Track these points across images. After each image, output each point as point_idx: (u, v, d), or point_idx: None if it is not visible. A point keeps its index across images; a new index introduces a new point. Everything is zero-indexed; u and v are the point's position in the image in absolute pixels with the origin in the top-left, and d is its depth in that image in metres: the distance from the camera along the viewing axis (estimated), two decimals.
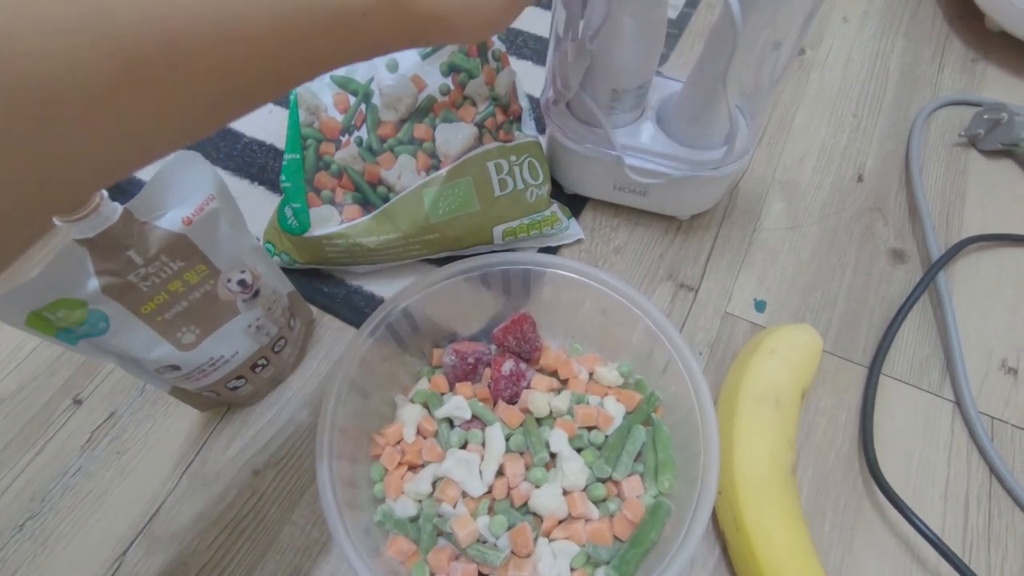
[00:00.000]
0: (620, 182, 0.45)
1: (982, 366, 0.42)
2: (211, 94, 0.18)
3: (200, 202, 0.29)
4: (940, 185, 0.51)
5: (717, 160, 0.42)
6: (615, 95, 0.41)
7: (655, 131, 0.44)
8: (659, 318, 0.36)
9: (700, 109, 0.41)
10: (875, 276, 0.46)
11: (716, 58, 0.37)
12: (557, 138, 0.44)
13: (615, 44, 0.38)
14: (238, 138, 0.54)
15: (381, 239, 0.41)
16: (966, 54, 0.60)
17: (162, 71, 0.16)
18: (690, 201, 0.47)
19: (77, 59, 0.14)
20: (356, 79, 0.40)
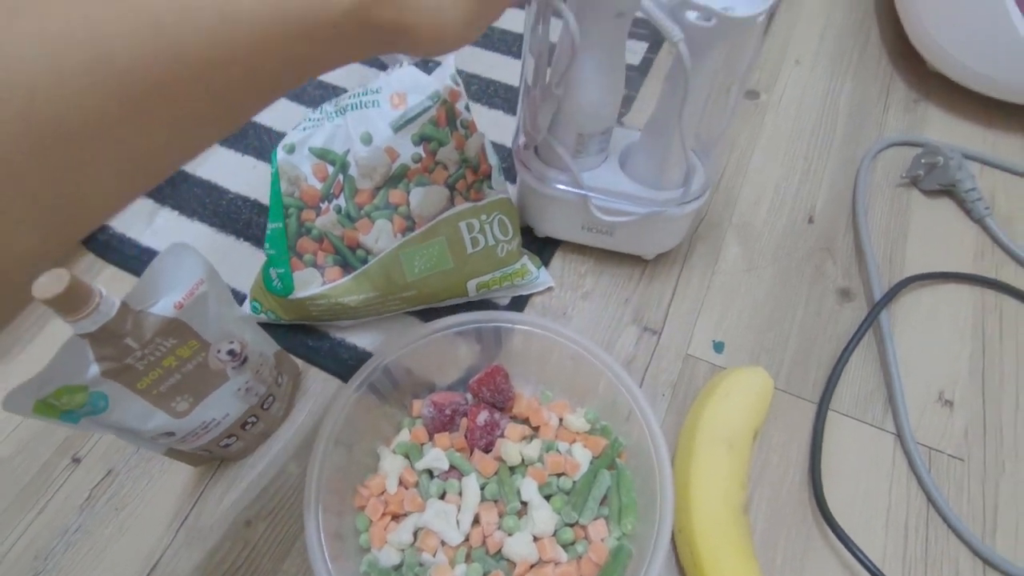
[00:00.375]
0: (588, 223, 0.49)
1: (921, 399, 0.45)
2: (204, 116, 0.19)
3: (190, 287, 0.32)
4: (884, 224, 0.55)
5: (676, 199, 0.45)
6: (581, 139, 0.44)
7: (619, 173, 0.47)
8: (620, 372, 0.39)
9: (658, 152, 0.44)
10: (824, 315, 0.49)
11: (671, 103, 0.41)
12: (528, 182, 0.48)
13: (580, 89, 0.41)
14: (223, 194, 0.56)
15: (361, 298, 0.44)
16: (909, 95, 0.64)
17: (156, 105, 0.17)
18: (654, 240, 0.50)
19: (82, 103, 0.16)
20: (334, 150, 0.43)
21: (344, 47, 0.23)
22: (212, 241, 0.53)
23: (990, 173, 0.59)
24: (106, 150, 0.17)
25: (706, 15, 0.34)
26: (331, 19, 0.21)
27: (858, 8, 0.72)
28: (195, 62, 0.18)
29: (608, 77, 0.41)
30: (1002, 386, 0.46)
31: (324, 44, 0.21)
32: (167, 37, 0.17)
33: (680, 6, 0.34)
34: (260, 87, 0.21)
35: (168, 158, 0.20)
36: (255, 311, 0.46)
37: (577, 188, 0.46)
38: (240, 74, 0.19)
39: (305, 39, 0.20)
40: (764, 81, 0.65)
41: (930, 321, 0.49)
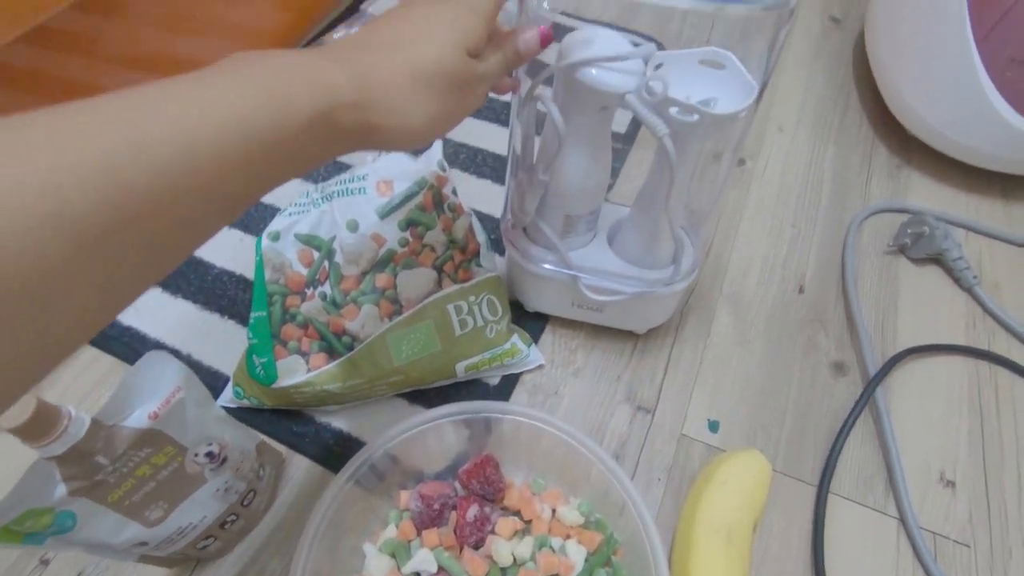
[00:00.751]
0: (578, 300, 0.48)
1: (922, 480, 0.44)
2: (166, 245, 0.19)
3: (167, 395, 0.31)
4: (874, 294, 0.55)
5: (666, 278, 0.45)
6: (568, 220, 0.44)
7: (608, 252, 0.47)
8: (611, 465, 0.38)
9: (647, 232, 0.44)
10: (819, 390, 0.49)
11: (657, 189, 0.41)
12: (516, 260, 0.47)
13: (566, 176, 0.41)
14: (208, 269, 0.55)
15: (347, 384, 0.43)
16: (891, 160, 0.65)
17: (114, 245, 0.17)
18: (645, 316, 0.49)
19: (39, 254, 0.15)
20: (320, 236, 0.43)
21: (312, 153, 0.23)
22: (196, 319, 0.52)
23: (975, 239, 0.59)
24: (64, 297, 0.17)
25: (690, 111, 0.34)
26: (294, 130, 0.21)
27: (836, 75, 0.74)
28: (154, 197, 0.17)
29: (594, 164, 0.41)
30: (1003, 464, 0.45)
31: (290, 154, 0.22)
32: (122, 178, 0.17)
33: (663, 103, 0.34)
34: (225, 207, 0.21)
35: (131, 289, 0.19)
36: (238, 396, 0.45)
37: (565, 268, 0.45)
38: (204, 199, 0.19)
39: (270, 153, 0.20)
40: (749, 148, 0.66)
41: (926, 396, 0.48)
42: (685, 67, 0.35)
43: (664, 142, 0.34)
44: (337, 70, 0.23)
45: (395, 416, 0.46)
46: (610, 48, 0.34)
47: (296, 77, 0.21)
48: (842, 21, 0.80)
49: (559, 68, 0.34)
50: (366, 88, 0.23)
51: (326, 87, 0.22)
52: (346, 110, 0.23)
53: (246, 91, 0.20)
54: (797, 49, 0.77)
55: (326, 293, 0.42)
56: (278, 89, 0.21)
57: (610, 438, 0.46)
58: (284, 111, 0.20)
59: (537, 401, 0.48)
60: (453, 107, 0.26)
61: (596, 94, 0.34)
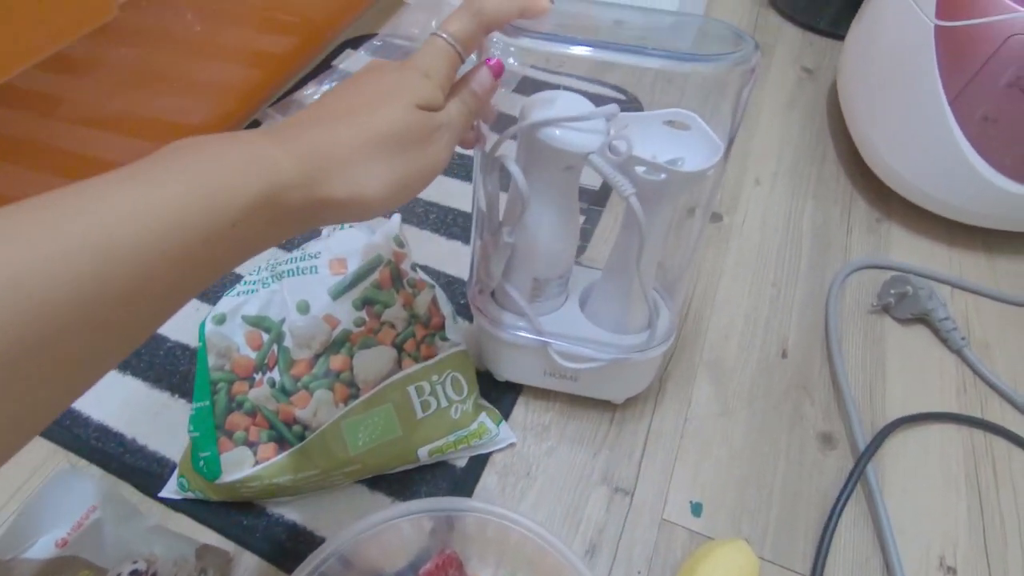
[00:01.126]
0: (550, 368, 0.45)
1: (921, 566, 0.41)
2: (88, 354, 0.18)
3: (79, 517, 0.28)
4: (860, 356, 0.52)
5: (641, 344, 0.42)
6: (537, 284, 0.42)
7: (580, 317, 0.45)
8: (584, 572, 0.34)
9: (619, 296, 0.42)
10: (807, 466, 0.46)
11: (627, 251, 0.39)
12: (484, 327, 0.45)
13: (533, 237, 0.39)
14: (161, 343, 0.52)
15: (299, 476, 0.39)
16: (870, 214, 0.64)
17: (24, 362, 0.16)
18: (621, 385, 0.47)
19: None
20: (270, 316, 0.40)
21: (258, 238, 0.22)
22: (144, 399, 0.49)
23: (960, 295, 0.57)
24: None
25: (656, 170, 0.33)
26: (231, 219, 0.20)
27: (812, 126, 0.73)
28: (74, 311, 0.17)
29: (561, 224, 0.39)
30: (1006, 547, 0.42)
31: (232, 243, 0.20)
32: (34, 296, 0.16)
33: (628, 162, 0.33)
34: (163, 306, 0.20)
35: (53, 407, 0.18)
36: (182, 488, 0.41)
37: (535, 335, 0.43)
38: (133, 303, 0.18)
39: (207, 246, 0.19)
40: (726, 203, 0.65)
41: (920, 470, 0.46)
42: (650, 128, 0.34)
43: (631, 202, 0.33)
44: (278, 150, 0.22)
45: (354, 505, 0.43)
46: (572, 108, 0.33)
47: (230, 164, 0.21)
48: (815, 72, 0.81)
49: (521, 128, 0.33)
50: (312, 165, 0.22)
51: (266, 170, 0.21)
52: (292, 190, 0.22)
53: (176, 185, 0.19)
54: (771, 100, 0.76)
55: (275, 380, 0.39)
56: (210, 179, 0.20)
57: (586, 525, 0.43)
58: (218, 202, 0.20)
59: (508, 484, 0.44)
60: (413, 167, 0.25)
61: (559, 154, 0.34)
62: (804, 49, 0.84)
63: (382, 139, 0.24)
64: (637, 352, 0.43)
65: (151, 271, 0.18)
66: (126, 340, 0.19)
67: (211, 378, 0.39)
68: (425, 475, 0.44)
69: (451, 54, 0.27)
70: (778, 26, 0.88)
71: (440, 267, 0.58)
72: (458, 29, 0.27)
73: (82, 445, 0.46)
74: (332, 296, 0.39)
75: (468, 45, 0.28)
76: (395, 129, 0.24)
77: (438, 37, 0.27)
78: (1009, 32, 0.48)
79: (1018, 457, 0.47)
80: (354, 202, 0.24)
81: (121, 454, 0.45)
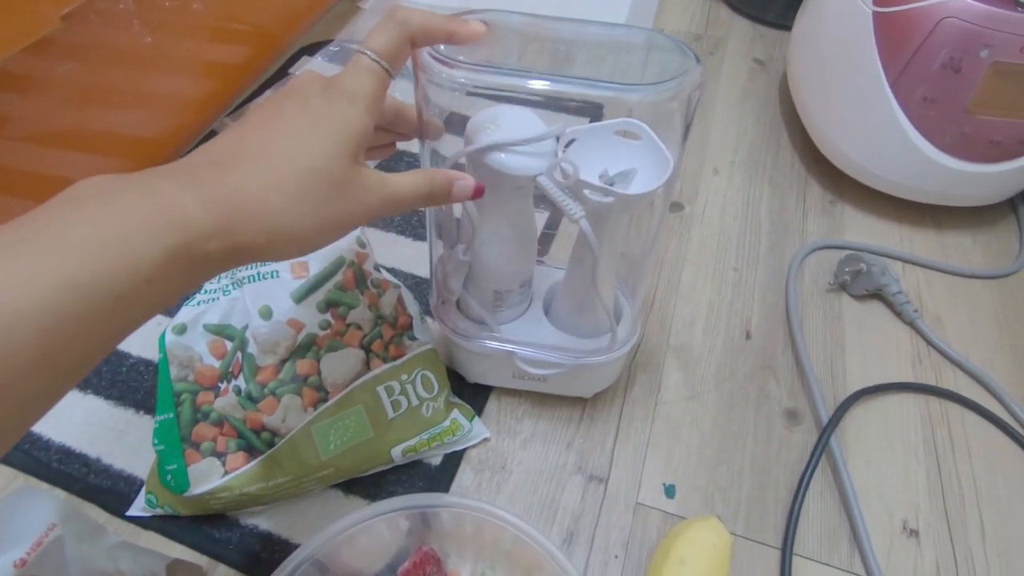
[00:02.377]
0: (518, 372, 0.45)
1: (886, 531, 0.43)
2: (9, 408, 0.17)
3: (37, 536, 0.27)
4: (821, 335, 0.54)
5: (604, 348, 0.43)
6: (498, 295, 0.42)
7: (543, 322, 0.45)
8: (563, 562, 0.35)
9: (579, 304, 0.42)
10: (774, 443, 0.47)
11: (582, 271, 0.39)
12: (449, 337, 0.44)
13: (488, 255, 0.39)
14: (123, 359, 0.51)
15: (270, 484, 0.39)
16: (824, 197, 0.66)
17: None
18: (589, 383, 0.47)
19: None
20: (232, 324, 0.40)
21: (174, 289, 0.21)
22: (107, 418, 0.48)
23: (912, 270, 0.60)
24: None
25: (604, 193, 0.32)
26: (142, 276, 0.19)
27: (766, 115, 0.75)
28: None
29: (516, 241, 0.39)
30: (964, 508, 0.44)
31: (145, 298, 0.20)
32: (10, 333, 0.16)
33: (577, 185, 0.32)
34: (78, 365, 0.19)
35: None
36: (150, 505, 0.41)
37: (498, 344, 0.43)
38: (41, 369, 0.17)
39: (118, 305, 0.19)
40: (686, 192, 0.66)
41: (881, 440, 0.47)
42: (600, 140, 0.34)
43: (581, 225, 0.33)
44: (190, 199, 0.21)
45: (329, 510, 0.43)
46: (518, 127, 0.32)
47: (139, 220, 0.19)
48: (766, 63, 0.83)
49: (465, 154, 0.32)
50: (227, 213, 0.21)
51: (178, 223, 0.20)
52: (206, 240, 0.21)
53: (78, 248, 0.18)
54: (726, 92, 0.78)
55: (240, 387, 0.39)
56: (118, 239, 0.19)
57: (563, 515, 0.43)
58: (126, 262, 0.19)
59: (484, 479, 0.45)
60: (333, 214, 0.23)
61: (506, 178, 0.32)
62: (755, 41, 0.86)
63: (303, 179, 0.22)
64: (601, 355, 0.43)
65: (58, 337, 0.17)
66: (40, 406, 0.19)
67: (174, 389, 0.39)
68: (400, 475, 0.44)
69: (378, 73, 0.25)
70: (729, 19, 0.90)
71: (408, 268, 0.58)
72: (382, 45, 0.25)
73: (43, 468, 0.44)
74: (295, 300, 0.39)
75: (395, 62, 0.26)
76: (316, 165, 0.23)
77: (362, 55, 0.25)
78: (941, 15, 0.50)
79: (972, 421, 0.49)
80: (274, 246, 0.22)
81: (85, 475, 0.44)
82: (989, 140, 0.55)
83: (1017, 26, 0.48)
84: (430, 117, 0.33)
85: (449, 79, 0.29)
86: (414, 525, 0.39)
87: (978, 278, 0.59)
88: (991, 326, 0.55)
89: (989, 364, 0.52)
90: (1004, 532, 0.43)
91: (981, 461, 0.46)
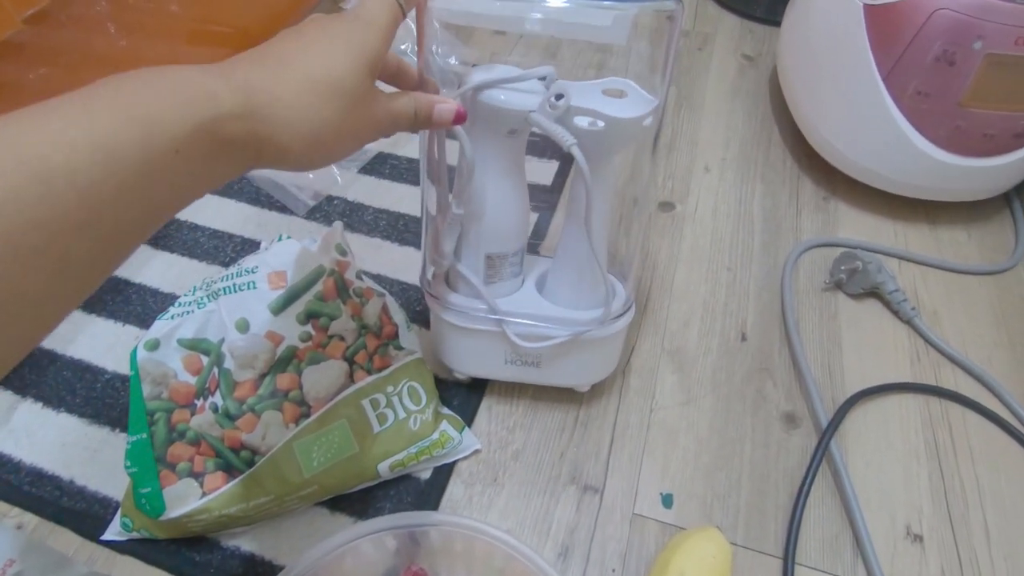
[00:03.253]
0: (511, 355, 0.44)
1: (889, 536, 0.42)
2: (52, 277, 0.18)
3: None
4: (817, 334, 0.53)
5: (598, 318, 0.42)
6: (491, 262, 0.41)
7: (537, 297, 0.44)
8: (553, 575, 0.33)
9: (574, 270, 0.42)
10: (773, 447, 0.46)
11: (577, 216, 0.39)
12: (441, 316, 0.43)
13: (482, 208, 0.39)
14: (98, 375, 0.49)
15: (251, 505, 0.37)
16: (817, 193, 0.65)
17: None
18: (584, 368, 0.46)
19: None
20: (208, 338, 0.38)
21: (199, 171, 0.21)
22: (81, 437, 0.46)
23: (908, 267, 0.59)
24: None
25: (595, 119, 0.34)
26: (168, 148, 0.20)
27: (756, 111, 0.74)
28: (17, 238, 0.16)
29: (509, 194, 0.39)
30: (967, 510, 0.43)
31: (172, 174, 0.20)
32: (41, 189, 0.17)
33: (568, 113, 0.33)
34: (108, 241, 0.19)
35: (11, 349, 0.18)
36: (126, 529, 0.39)
37: (492, 315, 0.42)
38: (76, 233, 0.18)
39: (145, 176, 0.19)
40: (678, 191, 0.65)
41: (881, 442, 0.46)
42: (588, 95, 0.34)
43: (574, 152, 0.34)
44: (218, 82, 0.22)
45: (315, 529, 0.41)
46: (510, 75, 0.33)
47: (167, 92, 0.21)
48: (755, 59, 0.82)
49: (463, 93, 0.34)
50: (252, 97, 0.23)
51: (204, 99, 0.21)
52: (231, 121, 0.22)
53: (113, 113, 0.19)
54: (716, 89, 0.77)
55: (217, 404, 0.37)
56: (144, 107, 0.20)
57: (557, 528, 0.42)
58: (152, 129, 0.19)
59: (475, 493, 0.43)
60: (348, 124, 0.25)
61: (501, 115, 0.34)
62: (744, 37, 0.85)
63: (324, 88, 0.24)
64: (596, 326, 0.42)
65: (94, 198, 0.18)
66: (87, 273, 0.19)
67: (147, 408, 0.37)
68: (388, 491, 0.43)
69: (392, 6, 0.27)
70: (717, 16, 0.89)
71: (393, 274, 0.56)
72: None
73: (13, 492, 0.42)
74: (273, 312, 0.37)
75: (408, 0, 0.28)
76: (338, 82, 0.25)
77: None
78: (933, 7, 0.49)
79: (972, 420, 0.48)
80: (294, 145, 0.24)
81: (58, 498, 0.42)
82: (983, 134, 0.54)
83: (1011, 17, 0.47)
84: (429, 77, 0.34)
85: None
86: (402, 544, 0.37)
87: (974, 274, 0.58)
88: (988, 322, 0.54)
89: (988, 361, 0.51)
90: (1009, 534, 0.42)
91: (983, 461, 0.46)
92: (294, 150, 0.24)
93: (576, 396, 0.48)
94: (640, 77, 0.36)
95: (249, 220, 0.60)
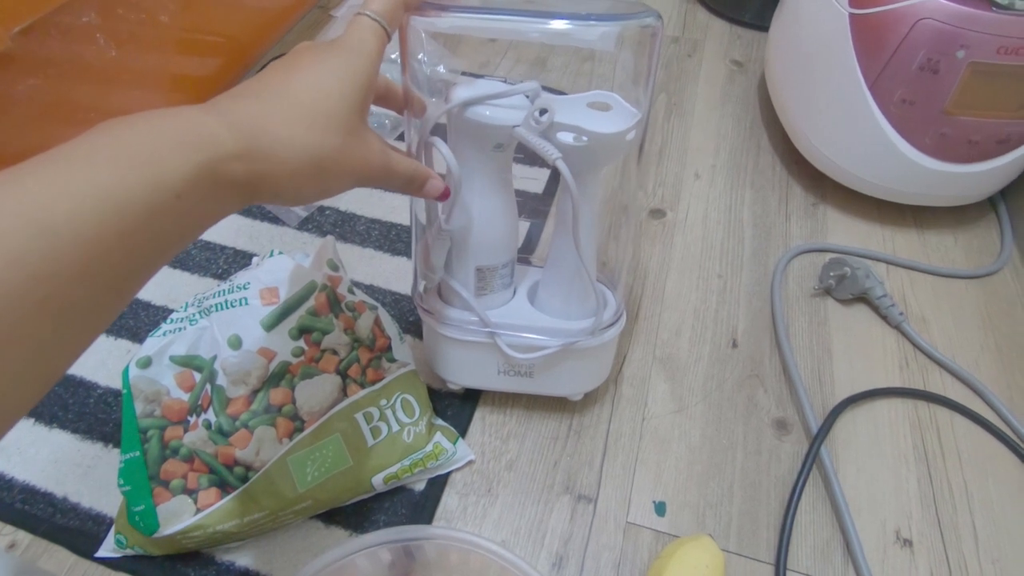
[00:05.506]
0: (503, 366, 0.44)
1: (879, 541, 0.42)
2: (43, 338, 0.18)
3: None
4: (807, 341, 0.53)
5: (589, 328, 0.42)
6: (481, 275, 0.41)
7: (528, 308, 0.45)
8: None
9: (564, 281, 0.42)
10: (764, 454, 0.46)
11: (565, 228, 0.40)
12: (433, 328, 0.43)
13: (470, 221, 0.39)
14: (90, 391, 0.49)
15: (245, 521, 0.37)
16: (806, 199, 0.66)
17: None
18: (577, 377, 0.46)
19: None
20: (200, 355, 0.38)
21: (201, 213, 0.22)
22: (74, 453, 0.46)
23: (896, 272, 0.59)
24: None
25: (579, 134, 0.34)
26: (172, 192, 0.20)
27: (745, 118, 0.75)
28: (20, 293, 0.17)
29: (498, 207, 0.39)
30: (956, 515, 0.43)
31: (175, 217, 0.20)
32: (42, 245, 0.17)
33: (551, 128, 0.34)
34: (112, 286, 0.19)
35: (23, 397, 0.19)
36: (120, 546, 0.39)
37: (485, 328, 0.42)
38: (79, 283, 0.18)
39: (149, 222, 0.19)
40: (668, 198, 0.65)
41: (871, 447, 0.47)
42: (573, 109, 0.35)
43: (559, 166, 0.34)
44: (216, 122, 0.22)
45: (310, 543, 0.41)
46: (494, 91, 0.34)
47: (167, 137, 0.21)
48: (744, 64, 0.82)
49: (449, 110, 0.34)
50: (252, 139, 0.23)
51: (203, 142, 0.21)
52: (231, 162, 0.22)
53: (110, 161, 0.19)
54: (705, 95, 0.78)
55: (210, 421, 0.37)
56: (146, 153, 0.20)
57: (551, 537, 0.42)
58: (156, 175, 0.20)
59: (469, 504, 0.43)
60: (344, 156, 0.26)
61: (486, 130, 0.35)
62: (733, 43, 0.86)
63: (321, 117, 0.24)
64: (586, 335, 0.42)
65: (97, 248, 0.18)
66: (92, 319, 0.19)
67: (140, 426, 0.37)
68: (383, 503, 0.43)
69: (378, 31, 0.28)
70: (706, 21, 0.89)
71: (386, 285, 0.56)
72: (381, 5, 0.28)
73: (6, 510, 0.42)
74: (265, 328, 0.37)
75: (392, 21, 0.29)
76: (330, 108, 0.25)
77: (363, 16, 0.28)
78: (917, 17, 0.50)
79: (960, 424, 0.48)
80: (295, 180, 0.24)
81: (51, 515, 0.42)
82: (968, 140, 0.54)
83: (993, 26, 0.48)
84: (416, 94, 0.35)
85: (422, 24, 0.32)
86: (397, 558, 0.37)
87: (961, 278, 0.59)
88: (975, 326, 0.55)
89: (975, 365, 0.52)
90: (997, 538, 0.43)
91: (971, 466, 0.46)
92: (290, 186, 0.24)
93: (569, 405, 0.48)
94: (625, 88, 0.37)
95: (241, 232, 0.60)
